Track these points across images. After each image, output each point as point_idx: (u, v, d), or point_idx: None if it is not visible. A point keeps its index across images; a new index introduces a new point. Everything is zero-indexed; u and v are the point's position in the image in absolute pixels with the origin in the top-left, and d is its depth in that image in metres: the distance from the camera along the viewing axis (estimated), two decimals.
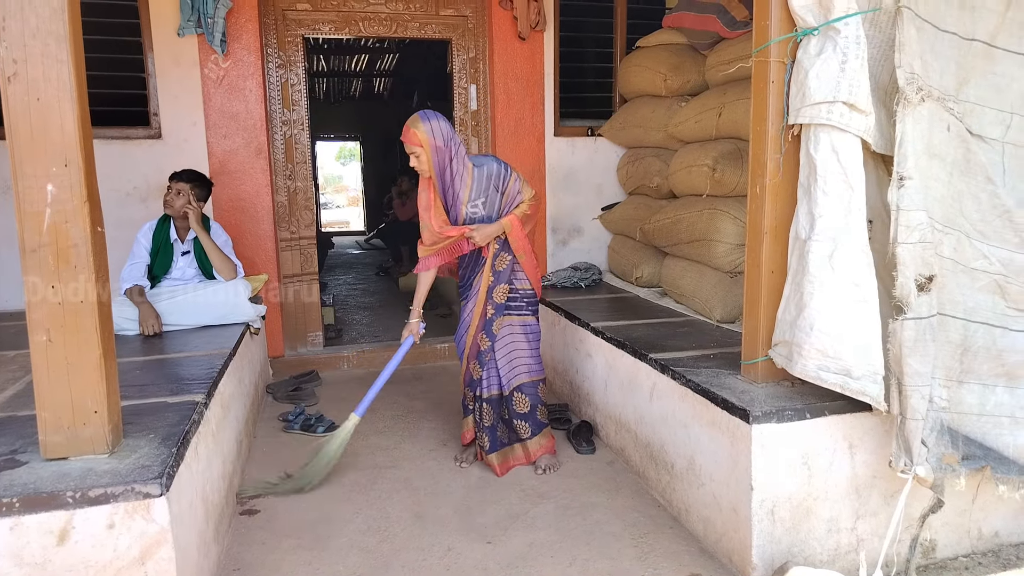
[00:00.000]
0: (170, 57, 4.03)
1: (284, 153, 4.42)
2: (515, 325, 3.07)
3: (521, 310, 3.07)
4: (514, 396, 3.06)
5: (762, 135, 2.32)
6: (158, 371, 2.78)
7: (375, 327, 5.83)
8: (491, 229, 2.93)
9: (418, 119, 2.82)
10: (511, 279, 3.04)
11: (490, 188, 2.92)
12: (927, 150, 2.22)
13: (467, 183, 2.90)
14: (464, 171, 2.89)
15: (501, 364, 3.05)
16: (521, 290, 3.06)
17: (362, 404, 3.03)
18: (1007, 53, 2.36)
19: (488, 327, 3.03)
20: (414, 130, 2.80)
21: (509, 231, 2.96)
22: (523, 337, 3.09)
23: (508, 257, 3.01)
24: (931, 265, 2.20)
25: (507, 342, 3.06)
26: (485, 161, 2.95)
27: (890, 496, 2.35)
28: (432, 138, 2.79)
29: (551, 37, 4.60)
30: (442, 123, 2.84)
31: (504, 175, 2.95)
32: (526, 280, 3.07)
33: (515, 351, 3.08)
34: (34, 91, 1.75)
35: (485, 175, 2.92)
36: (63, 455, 1.88)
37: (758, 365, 2.41)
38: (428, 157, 2.81)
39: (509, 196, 2.97)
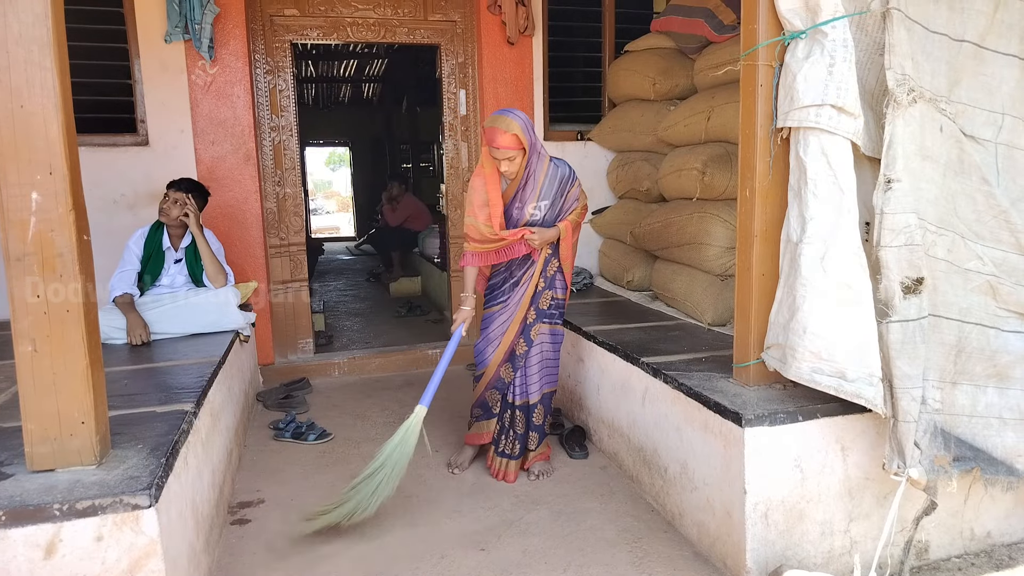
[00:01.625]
0: (157, 63, 4.00)
1: (273, 159, 4.39)
2: (547, 334, 3.00)
3: (554, 319, 3.00)
4: (536, 408, 3.01)
5: (751, 138, 2.33)
6: (146, 380, 2.75)
7: (366, 333, 5.80)
8: (550, 234, 2.84)
9: (510, 120, 2.65)
10: (555, 284, 2.97)
11: (556, 191, 2.82)
12: (919, 152, 2.23)
13: (539, 182, 2.78)
14: (539, 169, 2.77)
15: (531, 372, 2.98)
16: (559, 299, 2.99)
17: (427, 394, 2.82)
18: (996, 54, 2.38)
19: (527, 332, 2.96)
20: (512, 132, 2.63)
21: (564, 237, 2.88)
22: (551, 347, 3.03)
23: (556, 263, 2.94)
24: (919, 268, 2.21)
25: (540, 350, 2.99)
26: (561, 163, 2.86)
27: (883, 498, 2.35)
28: (530, 137, 2.68)
29: (540, 42, 4.60)
30: (525, 117, 2.73)
31: (572, 179, 2.87)
32: (563, 288, 3.00)
33: (545, 360, 3.01)
34: (17, 98, 1.73)
35: (558, 176, 2.82)
36: (50, 467, 1.86)
37: (750, 368, 2.41)
38: (524, 159, 2.71)
39: (568, 201, 2.88)
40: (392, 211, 8.02)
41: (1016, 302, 2.40)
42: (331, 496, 2.93)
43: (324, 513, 2.56)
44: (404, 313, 6.61)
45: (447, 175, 4.73)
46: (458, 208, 4.75)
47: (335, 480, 3.10)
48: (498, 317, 2.97)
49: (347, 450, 3.45)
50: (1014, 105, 2.44)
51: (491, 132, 2.65)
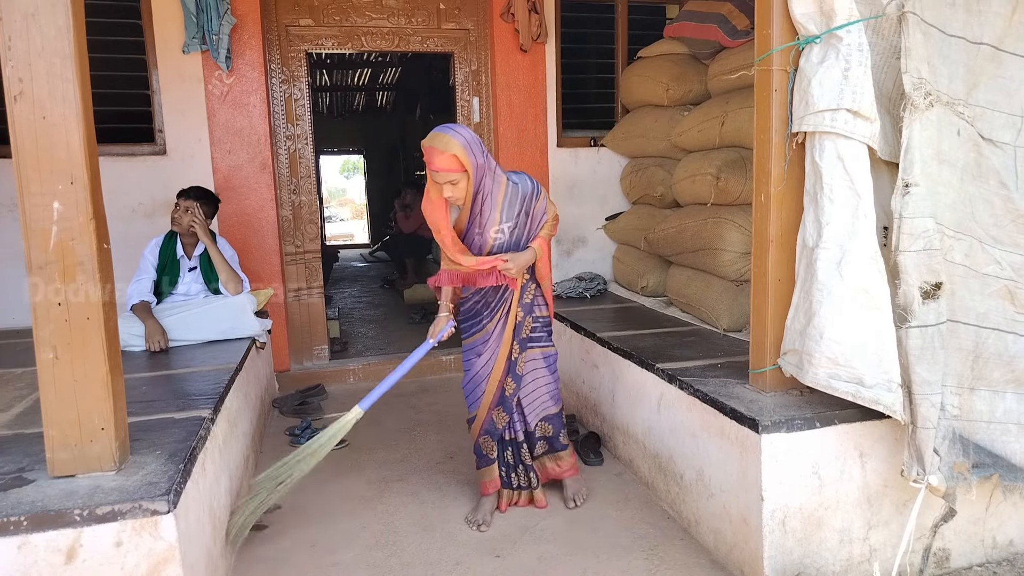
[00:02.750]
0: (175, 74, 4.05)
1: (288, 167, 4.43)
2: (537, 359, 2.76)
3: (542, 340, 2.76)
4: (539, 425, 2.82)
5: (766, 143, 2.32)
6: (164, 387, 2.78)
7: (380, 340, 5.83)
8: (525, 258, 2.55)
9: (449, 137, 2.29)
10: (533, 308, 2.72)
11: (520, 211, 2.52)
12: (936, 156, 2.21)
13: (498, 203, 2.46)
14: (497, 190, 2.46)
15: (526, 403, 2.77)
16: (542, 318, 2.75)
17: (368, 398, 2.68)
18: (1014, 57, 2.35)
19: (513, 368, 2.71)
20: (450, 153, 2.27)
21: (539, 257, 2.62)
22: (545, 369, 2.78)
23: (534, 286, 2.70)
24: (938, 272, 2.19)
25: (531, 379, 2.76)
26: (520, 179, 2.54)
27: (902, 505, 2.33)
28: (472, 156, 2.32)
29: (552, 49, 4.61)
30: (470, 133, 2.38)
31: (536, 193, 2.56)
32: (545, 306, 2.76)
33: (538, 386, 2.78)
34: (40, 109, 1.76)
35: (520, 195, 2.50)
36: (70, 472, 1.88)
37: (766, 374, 2.40)
38: (470, 183, 2.36)
39: (535, 218, 2.59)
40: (406, 218, 8.06)
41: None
42: (346, 502, 2.95)
43: (240, 516, 2.42)
44: (418, 319, 6.62)
45: None
46: None
47: (350, 486, 3.11)
48: (481, 354, 2.71)
49: (361, 456, 3.46)
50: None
51: (428, 152, 2.30)
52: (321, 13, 4.34)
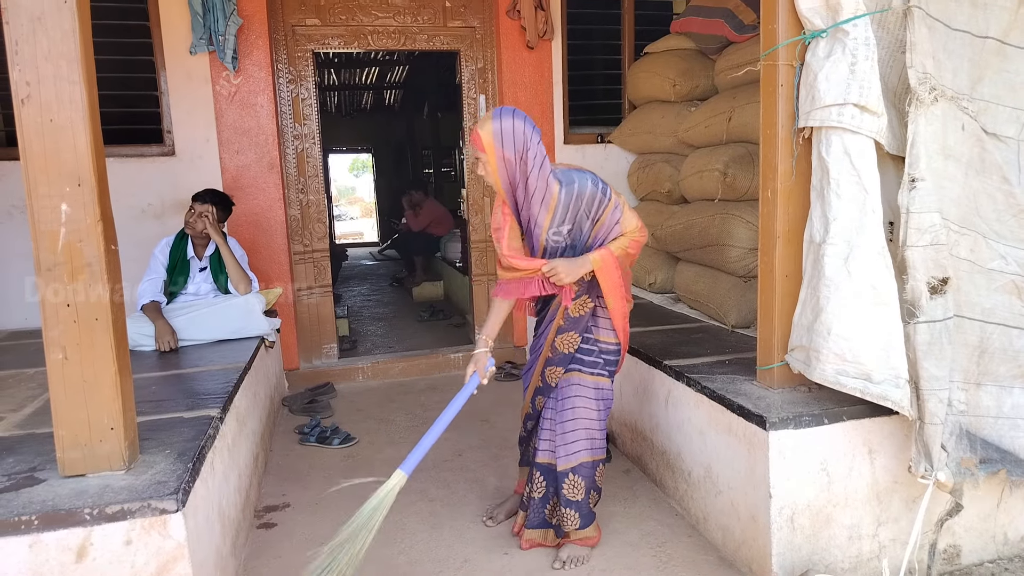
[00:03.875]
0: (183, 75, 4.07)
1: (296, 167, 4.45)
2: (585, 386, 2.40)
3: (596, 367, 2.40)
4: (567, 478, 2.39)
5: (772, 139, 2.31)
6: (174, 386, 2.80)
7: (389, 338, 5.84)
8: (577, 267, 2.24)
9: (488, 117, 2.19)
10: (588, 328, 2.41)
11: (579, 213, 2.24)
12: (942, 150, 2.20)
13: (549, 205, 2.21)
14: (547, 191, 2.20)
15: (559, 432, 2.41)
16: (602, 343, 2.40)
17: (410, 459, 2.28)
18: (1019, 50, 2.33)
19: (545, 384, 2.46)
20: (479, 131, 2.18)
21: (599, 270, 2.27)
22: (593, 403, 2.40)
23: (591, 303, 2.38)
24: (945, 267, 2.17)
25: (571, 405, 2.40)
26: (578, 178, 2.23)
27: (911, 501, 2.31)
28: (499, 145, 2.14)
29: (559, 45, 4.61)
30: (518, 125, 2.16)
31: (601, 200, 2.25)
32: (610, 331, 2.40)
33: (579, 419, 2.40)
34: (47, 112, 1.77)
35: (575, 197, 2.22)
36: (80, 472, 1.90)
37: (774, 371, 2.39)
38: (494, 167, 2.19)
39: (605, 225, 2.28)
40: (415, 216, 8.08)
41: None
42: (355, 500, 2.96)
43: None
44: (427, 317, 6.64)
45: (468, 180, 4.75)
46: (479, 213, 4.77)
47: (359, 484, 3.12)
48: (533, 350, 2.54)
49: (371, 454, 3.47)
50: None
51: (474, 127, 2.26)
52: (327, 12, 4.34)
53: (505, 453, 3.41)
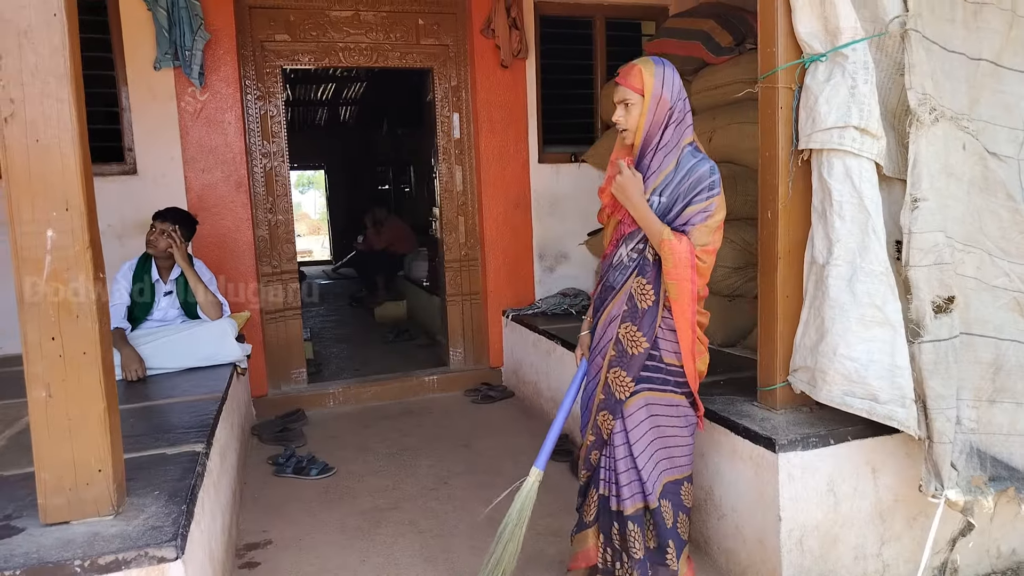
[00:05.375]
0: (146, 91, 3.90)
1: (265, 186, 4.31)
2: (658, 404, 2.14)
3: (666, 385, 2.13)
4: (661, 506, 2.12)
5: (772, 160, 2.32)
6: (149, 420, 2.64)
7: (355, 360, 5.70)
8: (640, 198, 2.06)
9: (650, 59, 2.10)
10: (651, 330, 2.10)
11: (681, 191, 2.07)
12: (944, 170, 2.23)
13: (666, 168, 2.09)
14: (673, 151, 2.09)
15: (642, 458, 2.12)
16: (667, 364, 2.12)
17: (541, 455, 2.28)
18: (1012, 72, 2.40)
19: (609, 387, 2.16)
20: (641, 68, 2.06)
21: (670, 255, 2.01)
22: (676, 420, 2.16)
23: (651, 293, 2.10)
24: (950, 286, 2.21)
25: (651, 425, 2.14)
26: (701, 159, 2.09)
27: (912, 519, 2.33)
28: (659, 85, 2.05)
29: (533, 65, 4.60)
30: (677, 77, 2.11)
31: (702, 192, 2.05)
32: (675, 352, 2.11)
33: (656, 439, 2.15)
34: (33, 132, 1.65)
35: (689, 174, 2.06)
36: (64, 519, 1.75)
37: (776, 391, 2.39)
38: (644, 110, 2.07)
39: (689, 214, 2.05)
40: (376, 234, 7.95)
41: None
42: (341, 533, 2.84)
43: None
44: (392, 338, 6.52)
45: (441, 199, 4.68)
46: (453, 232, 4.70)
47: (343, 517, 3.00)
48: (592, 357, 2.27)
49: (352, 484, 3.35)
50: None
51: (626, 66, 2.15)
52: (298, 29, 4.24)
53: (492, 480, 3.33)
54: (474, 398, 4.49)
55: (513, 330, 4.52)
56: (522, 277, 4.69)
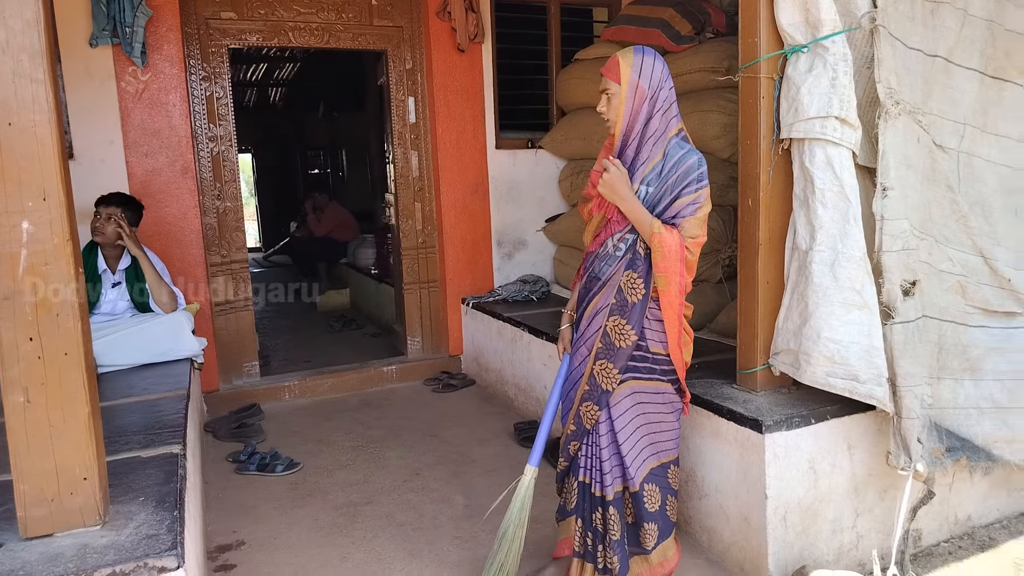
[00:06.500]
0: (81, 69, 3.64)
1: (212, 171, 4.11)
2: (644, 392, 2.16)
3: (652, 374, 2.15)
4: (644, 489, 2.15)
5: (753, 149, 2.37)
6: (112, 421, 2.48)
7: (304, 351, 5.54)
8: (628, 192, 2.06)
9: (630, 49, 2.10)
10: (639, 323, 2.10)
11: (668, 183, 2.07)
12: (904, 161, 2.35)
13: (653, 158, 2.09)
14: (660, 140, 2.09)
15: (626, 444, 2.14)
16: (653, 354, 2.14)
17: (534, 453, 2.30)
18: (960, 68, 2.54)
19: (594, 379, 2.16)
20: (620, 60, 2.07)
21: (660, 247, 2.03)
22: (662, 407, 2.18)
23: (641, 287, 2.09)
24: (915, 271, 2.33)
25: (637, 412, 2.16)
26: (688, 150, 2.09)
27: (883, 492, 2.45)
28: (636, 75, 2.05)
29: (489, 49, 4.54)
30: (658, 63, 2.09)
31: (691, 184, 2.06)
32: (661, 342, 2.12)
33: (641, 426, 2.17)
34: (5, 114, 1.51)
35: (677, 165, 2.06)
36: (48, 531, 1.63)
37: (756, 374, 2.46)
38: (622, 100, 2.07)
39: (678, 206, 2.06)
40: (317, 221, 7.72)
41: (980, 299, 2.56)
42: (316, 531, 2.77)
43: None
44: (339, 328, 6.37)
45: (397, 185, 4.58)
46: (409, 219, 4.61)
47: (316, 513, 2.92)
48: (575, 351, 2.27)
49: (320, 479, 3.26)
50: (974, 115, 2.60)
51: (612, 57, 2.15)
52: (245, 6, 4.04)
53: (465, 469, 3.31)
54: (435, 387, 4.44)
55: (474, 318, 4.49)
56: (481, 264, 4.65)
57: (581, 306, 2.27)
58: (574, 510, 2.26)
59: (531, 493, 2.29)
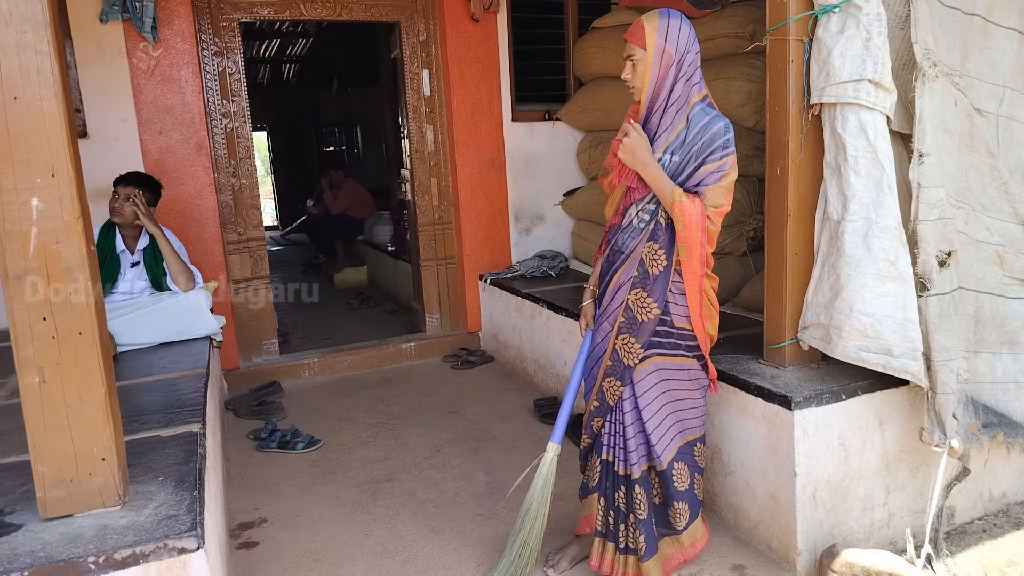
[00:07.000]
0: (93, 46, 3.60)
1: (226, 148, 4.06)
2: (669, 368, 2.11)
3: (676, 349, 2.09)
4: (673, 468, 2.12)
5: (782, 115, 2.28)
6: (130, 401, 2.47)
7: (323, 329, 5.54)
8: (649, 159, 2.00)
9: (655, 13, 2.02)
10: (662, 296, 2.05)
11: (694, 150, 2.00)
12: (941, 126, 2.24)
13: (677, 125, 2.03)
14: (684, 107, 2.03)
15: (652, 422, 2.10)
16: (678, 329, 2.08)
17: (556, 429, 2.25)
18: (1000, 28, 2.42)
19: (617, 354, 2.11)
20: (645, 23, 1.99)
21: (681, 216, 1.96)
22: (688, 384, 2.14)
23: (663, 258, 2.04)
24: (951, 240, 2.24)
25: (663, 389, 2.12)
26: (714, 116, 2.02)
27: (915, 468, 2.39)
28: (662, 39, 1.97)
29: (504, 18, 4.43)
30: (684, 26, 2.01)
31: (716, 150, 1.98)
32: (685, 316, 2.07)
33: (667, 403, 2.13)
34: (10, 88, 1.47)
35: (702, 131, 2.00)
36: (67, 512, 1.62)
37: (784, 349, 2.39)
38: (648, 66, 2.00)
39: (698, 177, 2.00)
40: (334, 198, 7.68)
41: (1019, 269, 2.47)
42: (338, 508, 2.76)
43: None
44: (357, 305, 6.36)
45: (412, 160, 4.52)
46: (425, 194, 4.55)
47: (338, 490, 2.92)
48: (599, 326, 2.21)
49: (341, 456, 3.25)
50: (1013, 78, 2.49)
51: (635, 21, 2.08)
52: None
53: (485, 445, 3.29)
54: (454, 364, 4.41)
55: (492, 294, 4.44)
56: (498, 240, 4.59)
57: (604, 280, 2.22)
58: (596, 487, 2.23)
59: (554, 470, 2.25)
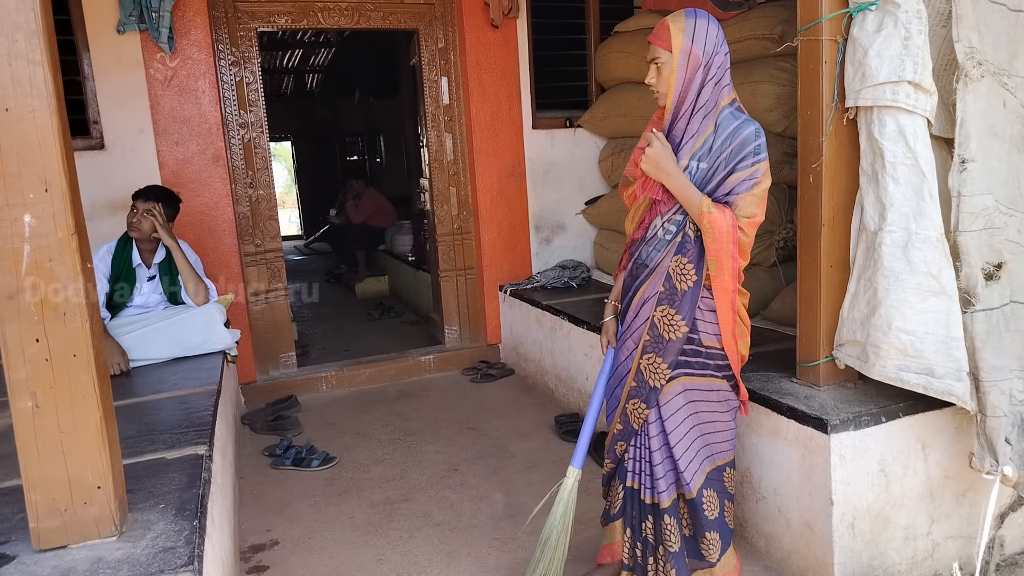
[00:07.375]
0: (110, 57, 3.58)
1: (243, 159, 4.02)
2: (698, 389, 1.98)
3: (705, 369, 1.97)
4: (703, 496, 1.99)
5: (815, 119, 2.16)
6: (139, 419, 2.41)
7: (342, 340, 5.48)
8: (673, 168, 1.89)
9: (681, 13, 1.92)
10: (690, 313, 1.93)
11: (723, 157, 1.88)
12: (989, 129, 2.10)
13: (704, 131, 1.91)
14: (712, 112, 1.91)
15: (679, 447, 1.98)
16: (707, 347, 1.96)
17: (577, 454, 2.15)
18: None
19: (641, 375, 2.00)
20: (670, 24, 1.89)
21: (710, 228, 1.85)
22: (716, 405, 2.00)
23: (692, 272, 1.92)
24: (1000, 252, 2.09)
25: (689, 412, 1.99)
26: (744, 120, 1.90)
27: (961, 496, 2.24)
28: (689, 40, 1.86)
29: (524, 24, 4.35)
30: (713, 27, 1.90)
31: (747, 157, 1.87)
32: (715, 334, 1.95)
33: (700, 425, 2.01)
34: (1, 99, 1.40)
35: (731, 137, 1.88)
36: (61, 543, 1.55)
37: (819, 367, 2.25)
38: (674, 69, 1.88)
39: (729, 186, 1.88)
40: (355, 207, 7.65)
41: None
42: (352, 530, 2.67)
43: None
44: (378, 316, 6.30)
45: (431, 169, 4.44)
46: (444, 204, 4.47)
47: (352, 510, 2.83)
48: (622, 344, 2.10)
49: (356, 475, 3.17)
50: None
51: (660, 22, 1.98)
52: None
53: (504, 464, 3.18)
54: (473, 377, 4.32)
55: (512, 306, 4.34)
56: (518, 250, 4.49)
57: (627, 296, 2.10)
58: (619, 515, 2.12)
59: (574, 496, 2.15)
